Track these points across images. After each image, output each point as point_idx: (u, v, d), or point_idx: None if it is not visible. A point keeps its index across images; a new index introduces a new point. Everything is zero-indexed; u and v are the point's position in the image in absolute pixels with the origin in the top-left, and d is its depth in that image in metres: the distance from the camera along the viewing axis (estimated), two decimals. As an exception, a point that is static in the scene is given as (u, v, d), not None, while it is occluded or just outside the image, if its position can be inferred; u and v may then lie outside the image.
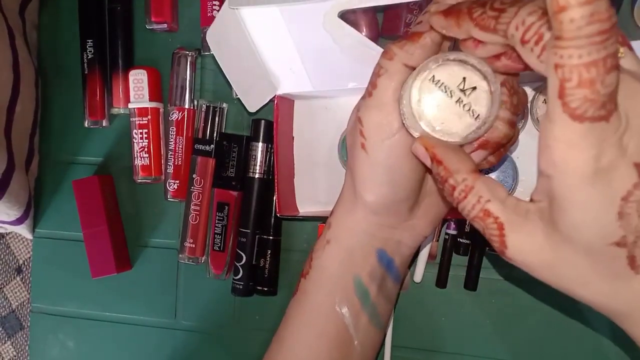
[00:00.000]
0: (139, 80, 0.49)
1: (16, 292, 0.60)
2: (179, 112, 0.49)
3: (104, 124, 0.51)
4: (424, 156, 0.29)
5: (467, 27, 0.27)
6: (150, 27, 0.50)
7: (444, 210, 0.36)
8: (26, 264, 0.60)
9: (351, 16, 0.43)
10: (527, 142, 0.41)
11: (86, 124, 0.51)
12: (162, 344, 0.52)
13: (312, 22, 0.38)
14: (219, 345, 0.51)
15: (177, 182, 0.49)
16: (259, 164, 0.47)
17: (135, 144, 0.50)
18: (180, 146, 0.49)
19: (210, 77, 0.50)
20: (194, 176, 0.48)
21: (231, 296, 0.49)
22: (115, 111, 0.51)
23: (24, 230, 0.54)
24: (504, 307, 0.46)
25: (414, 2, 0.41)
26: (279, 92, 0.42)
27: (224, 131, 0.49)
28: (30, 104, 0.52)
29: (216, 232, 0.48)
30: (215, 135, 0.48)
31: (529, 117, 0.40)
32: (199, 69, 0.50)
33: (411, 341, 0.47)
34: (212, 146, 0.48)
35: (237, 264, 0.47)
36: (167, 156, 0.50)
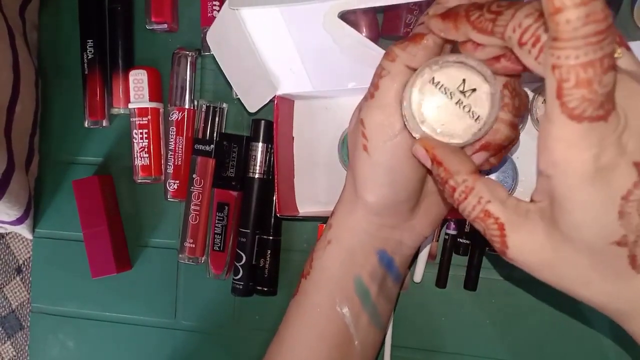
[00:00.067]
0: (139, 80, 0.49)
1: (16, 292, 0.60)
2: (179, 112, 0.49)
3: (104, 124, 0.51)
4: (424, 157, 0.29)
5: (464, 30, 0.27)
6: (150, 27, 0.50)
7: (444, 210, 0.36)
8: (26, 264, 0.60)
9: (351, 16, 0.43)
10: (527, 143, 0.41)
11: (86, 124, 0.51)
12: (162, 344, 0.52)
13: (312, 23, 0.38)
14: (219, 345, 0.51)
15: (177, 182, 0.49)
16: (259, 164, 0.47)
17: (135, 144, 0.50)
18: (180, 146, 0.49)
19: (210, 77, 0.50)
20: (194, 176, 0.48)
21: (231, 296, 0.49)
22: (115, 111, 0.51)
23: (24, 230, 0.54)
24: (504, 307, 0.46)
25: (414, 3, 0.41)
26: (279, 93, 0.42)
27: (224, 131, 0.49)
28: (30, 104, 0.51)
29: (216, 232, 0.48)
30: (215, 135, 0.48)
31: (528, 118, 0.40)
32: (199, 69, 0.50)
33: (411, 341, 0.47)
34: (212, 146, 0.48)
35: (237, 264, 0.47)
36: (167, 156, 0.50)
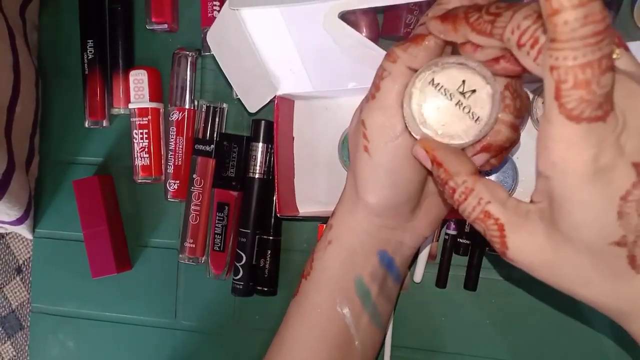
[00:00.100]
0: (139, 80, 0.49)
1: (16, 292, 0.60)
2: (179, 113, 0.49)
3: (104, 124, 0.51)
4: (425, 159, 0.29)
5: (464, 32, 0.27)
6: (150, 28, 0.50)
7: (444, 211, 0.36)
8: (26, 264, 0.60)
9: (351, 17, 0.43)
10: (527, 143, 0.41)
11: (86, 124, 0.51)
12: (162, 344, 0.52)
13: (312, 23, 0.38)
14: (219, 345, 0.51)
15: (177, 182, 0.49)
16: (259, 164, 0.47)
17: (135, 144, 0.50)
18: (180, 146, 0.49)
19: (210, 77, 0.50)
20: (194, 176, 0.48)
21: (231, 296, 0.49)
22: (115, 111, 0.52)
23: (24, 230, 0.54)
24: (504, 307, 0.46)
25: (414, 3, 0.41)
26: (279, 93, 0.42)
27: (224, 131, 0.49)
28: (30, 104, 0.51)
29: (216, 232, 0.48)
30: (215, 135, 0.48)
31: (528, 118, 0.40)
32: (199, 69, 0.50)
33: (411, 341, 0.47)
34: (212, 146, 0.48)
35: (237, 264, 0.48)
36: (167, 156, 0.50)
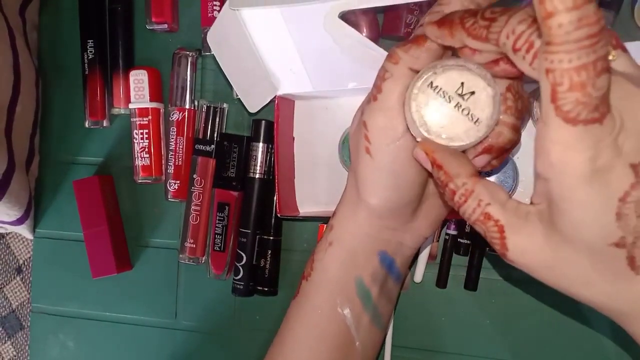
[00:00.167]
0: (139, 80, 0.49)
1: (16, 292, 0.60)
2: (180, 113, 0.49)
3: (104, 124, 0.51)
4: (425, 161, 0.30)
5: (460, 37, 0.27)
6: (150, 28, 0.50)
7: (445, 211, 0.36)
8: (26, 264, 0.60)
9: (351, 17, 0.43)
10: (527, 143, 0.41)
11: (87, 124, 0.51)
12: (162, 344, 0.52)
13: (312, 23, 0.38)
14: (219, 345, 0.51)
15: (178, 182, 0.49)
16: (259, 164, 0.47)
17: (135, 144, 0.50)
18: (180, 146, 0.49)
19: (210, 77, 0.50)
20: (195, 176, 0.48)
21: (231, 296, 0.49)
22: (115, 111, 0.52)
23: (24, 230, 0.54)
24: (504, 307, 0.46)
25: (414, 3, 0.41)
26: (280, 93, 0.42)
27: (224, 131, 0.49)
28: (30, 104, 0.51)
29: (217, 232, 0.48)
30: (215, 135, 0.48)
31: (529, 119, 0.40)
32: (200, 69, 0.50)
33: (411, 341, 0.47)
34: (212, 146, 0.48)
35: (238, 264, 0.48)
36: (167, 156, 0.50)
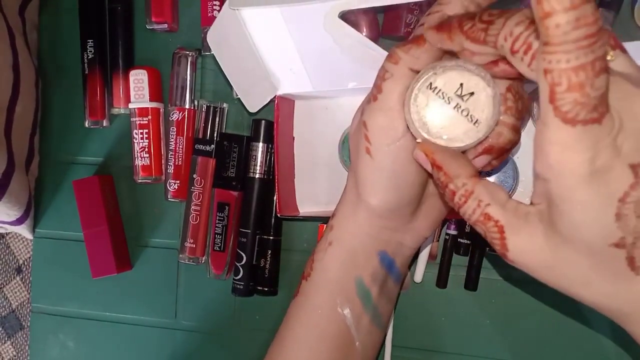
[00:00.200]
0: (139, 80, 0.49)
1: (16, 292, 0.60)
2: (180, 112, 0.49)
3: (104, 124, 0.51)
4: (425, 162, 0.30)
5: (459, 40, 0.27)
6: (150, 27, 0.50)
7: (444, 211, 0.36)
8: (26, 263, 0.60)
9: (352, 17, 0.43)
10: (527, 143, 0.41)
11: (86, 124, 0.51)
12: (162, 344, 0.52)
13: (312, 23, 0.38)
14: (219, 345, 0.51)
15: (178, 182, 0.49)
16: (259, 164, 0.47)
17: (135, 144, 0.50)
18: (180, 146, 0.49)
19: (210, 77, 0.50)
20: (195, 176, 0.48)
21: (231, 296, 0.49)
22: (115, 111, 0.51)
23: (24, 230, 0.54)
24: (504, 307, 0.46)
25: (414, 3, 0.41)
26: (280, 93, 0.42)
27: (224, 131, 0.49)
28: (30, 104, 0.51)
29: (216, 232, 0.48)
30: (215, 135, 0.48)
31: (529, 118, 0.40)
32: (200, 69, 0.50)
33: (411, 341, 0.47)
34: (212, 146, 0.48)
35: (238, 264, 0.48)
36: (167, 156, 0.50)
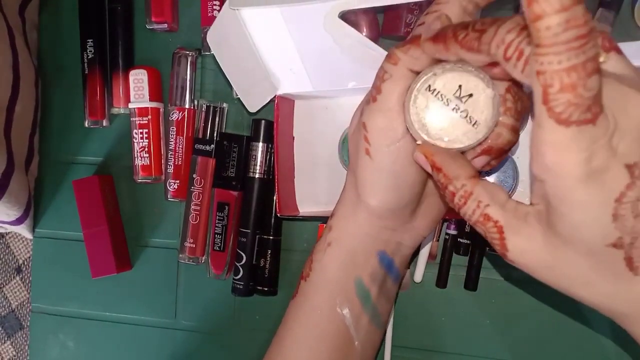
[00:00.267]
0: (139, 80, 0.49)
1: (16, 292, 0.60)
2: (179, 112, 0.49)
3: (104, 124, 0.51)
4: (425, 164, 0.30)
5: (454, 50, 0.27)
6: (150, 27, 0.50)
7: (443, 210, 0.36)
8: (26, 263, 0.60)
9: (352, 16, 0.43)
10: (527, 143, 0.40)
11: (86, 124, 0.51)
12: (162, 344, 0.52)
13: (312, 23, 0.38)
14: (219, 345, 0.51)
15: (178, 182, 0.49)
16: (259, 164, 0.47)
17: (135, 144, 0.50)
18: (180, 146, 0.49)
19: (210, 77, 0.50)
20: (194, 176, 0.48)
21: (231, 296, 0.49)
22: (115, 111, 0.51)
23: (24, 230, 0.54)
24: (504, 307, 0.46)
25: (414, 3, 0.41)
26: (280, 92, 0.42)
27: (224, 131, 0.49)
28: (30, 103, 0.51)
29: (216, 232, 0.48)
30: (215, 135, 0.48)
31: (529, 118, 0.40)
32: (199, 68, 0.50)
33: (411, 341, 0.47)
34: (212, 146, 0.48)
35: (237, 264, 0.47)
36: (167, 156, 0.50)
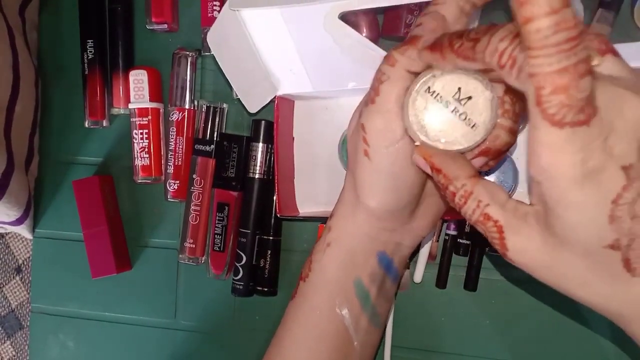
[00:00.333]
0: (139, 80, 0.49)
1: (15, 292, 0.60)
2: (179, 113, 0.49)
3: (104, 124, 0.51)
4: (424, 165, 0.30)
5: (451, 59, 0.27)
6: (150, 28, 0.50)
7: (443, 210, 0.36)
8: (25, 263, 0.60)
9: (352, 17, 0.43)
10: (526, 143, 0.41)
11: (86, 124, 0.51)
12: (162, 344, 0.52)
13: (312, 24, 0.38)
14: (219, 345, 0.51)
15: (177, 182, 0.49)
16: (259, 165, 0.47)
17: (135, 144, 0.50)
18: (180, 146, 0.49)
19: (210, 77, 0.50)
20: (194, 176, 0.48)
21: (231, 296, 0.49)
22: (115, 111, 0.51)
23: (23, 230, 0.54)
24: (504, 307, 0.46)
25: (414, 3, 0.41)
26: (279, 93, 0.42)
27: (224, 131, 0.49)
28: (30, 104, 0.51)
29: (216, 232, 0.48)
30: (215, 135, 0.48)
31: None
32: (199, 69, 0.50)
33: (411, 341, 0.47)
34: (212, 146, 0.48)
35: (237, 264, 0.48)
36: (167, 156, 0.50)
